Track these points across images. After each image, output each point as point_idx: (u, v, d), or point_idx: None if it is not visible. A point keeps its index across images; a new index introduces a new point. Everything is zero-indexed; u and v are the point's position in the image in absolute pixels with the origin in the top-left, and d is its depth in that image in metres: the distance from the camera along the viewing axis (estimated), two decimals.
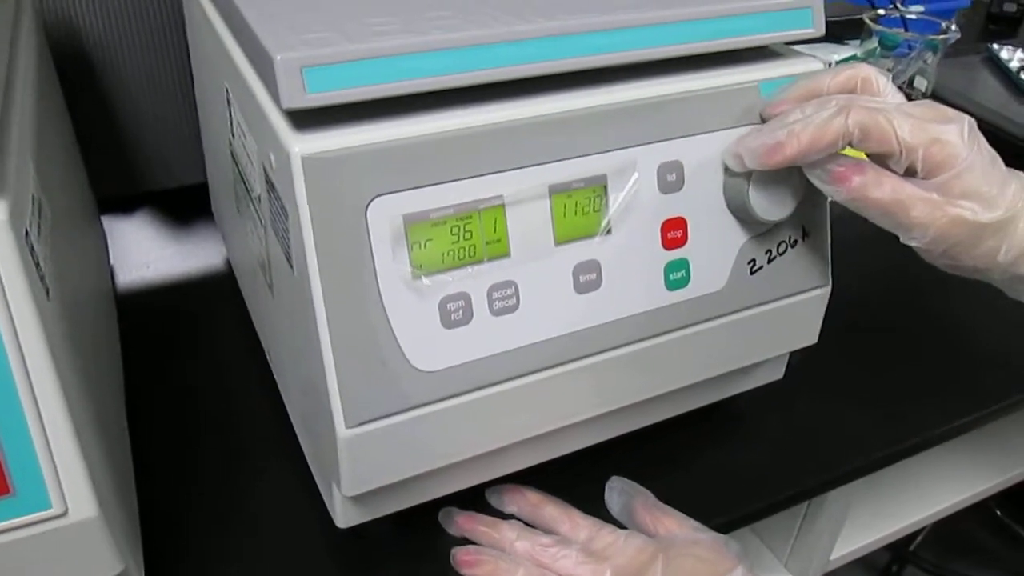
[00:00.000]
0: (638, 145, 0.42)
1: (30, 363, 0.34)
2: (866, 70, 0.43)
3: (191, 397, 0.58)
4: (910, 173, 0.41)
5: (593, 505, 0.49)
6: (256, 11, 0.40)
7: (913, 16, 0.95)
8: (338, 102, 0.36)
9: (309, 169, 0.36)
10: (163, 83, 0.71)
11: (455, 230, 0.39)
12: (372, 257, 0.38)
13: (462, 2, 0.42)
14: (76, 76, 0.67)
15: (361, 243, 0.38)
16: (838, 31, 0.94)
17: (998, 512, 1.36)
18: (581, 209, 0.42)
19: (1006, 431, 0.80)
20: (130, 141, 0.71)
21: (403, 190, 0.38)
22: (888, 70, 0.92)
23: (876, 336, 0.66)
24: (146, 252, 0.71)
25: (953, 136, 0.41)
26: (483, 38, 0.38)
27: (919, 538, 1.29)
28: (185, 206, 0.75)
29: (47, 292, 0.37)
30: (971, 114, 0.43)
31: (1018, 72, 1.02)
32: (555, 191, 0.41)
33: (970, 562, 1.36)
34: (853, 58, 0.92)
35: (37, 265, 0.37)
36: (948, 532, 1.27)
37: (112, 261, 0.70)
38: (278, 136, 0.37)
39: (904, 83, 0.92)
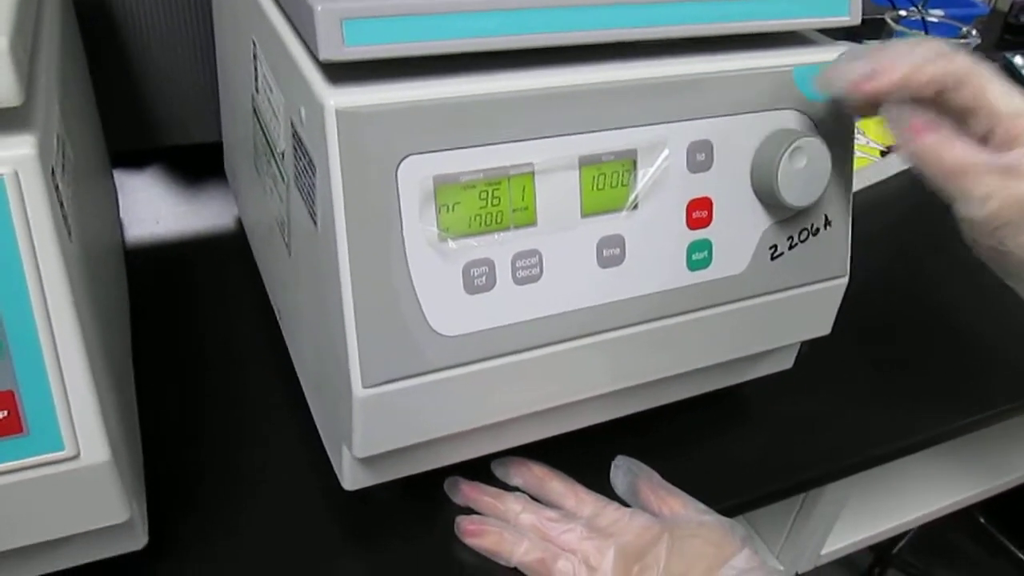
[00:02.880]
0: (670, 122, 0.42)
1: (51, 301, 0.34)
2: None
3: (197, 354, 0.57)
4: (984, 141, 0.39)
5: (598, 484, 0.49)
6: None
7: (934, 20, 0.95)
8: (376, 56, 0.36)
9: (343, 123, 0.36)
10: (182, 38, 0.70)
11: (483, 195, 0.39)
12: (400, 217, 0.38)
13: None
14: (96, 29, 0.67)
15: (390, 202, 0.37)
16: (858, 30, 0.94)
17: (981, 519, 1.37)
18: (609, 182, 0.42)
19: (995, 439, 0.80)
20: (146, 96, 0.71)
21: (435, 151, 0.37)
22: None
23: (885, 332, 0.66)
24: (156, 208, 0.70)
25: None
26: (525, 2, 0.38)
27: (902, 541, 1.30)
28: (197, 164, 0.74)
29: (69, 233, 0.37)
30: None
31: None
32: (585, 163, 0.41)
33: (952, 567, 1.37)
34: None
35: (61, 205, 0.36)
36: (931, 536, 1.28)
37: (122, 215, 0.69)
38: (312, 89, 0.37)
39: None
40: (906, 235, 0.81)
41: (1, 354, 0.34)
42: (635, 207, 0.42)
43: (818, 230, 0.48)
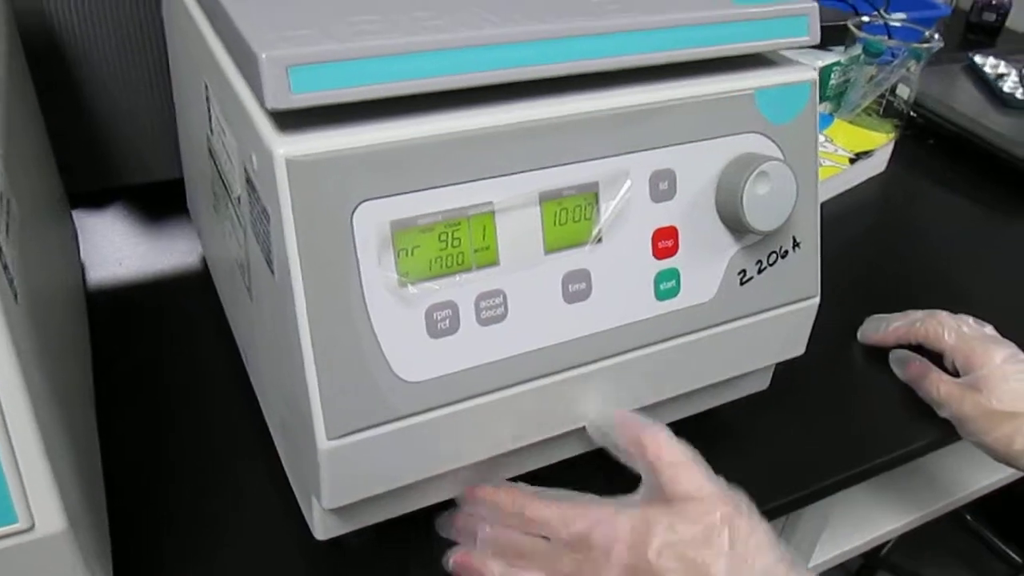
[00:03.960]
0: (631, 152, 0.41)
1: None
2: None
3: (164, 400, 0.56)
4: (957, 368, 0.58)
5: None
6: (240, 7, 0.39)
7: (896, 24, 0.95)
8: (324, 103, 0.35)
9: (293, 172, 0.35)
10: (138, 75, 0.69)
11: (443, 237, 0.38)
12: (357, 264, 0.37)
13: (450, 3, 0.41)
14: (48, 67, 0.65)
15: (346, 249, 0.36)
16: (823, 36, 0.94)
17: (968, 517, 1.37)
18: (572, 217, 0.41)
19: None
20: (103, 135, 0.69)
21: (390, 195, 0.36)
22: (871, 77, 0.92)
23: (859, 347, 0.66)
24: (119, 248, 0.69)
25: (989, 350, 0.56)
26: (474, 40, 0.37)
27: (890, 543, 1.30)
28: (159, 202, 0.73)
29: (15, 296, 0.36)
30: (950, 122, 0.51)
31: (997, 81, 1.03)
32: (546, 198, 0.40)
33: (941, 566, 1.37)
34: (838, 64, 0.92)
35: (5, 268, 0.35)
36: (919, 536, 1.28)
37: (83, 257, 0.68)
38: (261, 137, 0.36)
39: (887, 91, 0.92)
40: (879, 240, 0.80)
41: None
42: (599, 240, 0.42)
43: (787, 252, 0.47)
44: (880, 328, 0.64)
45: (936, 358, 0.60)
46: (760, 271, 0.47)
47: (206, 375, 0.58)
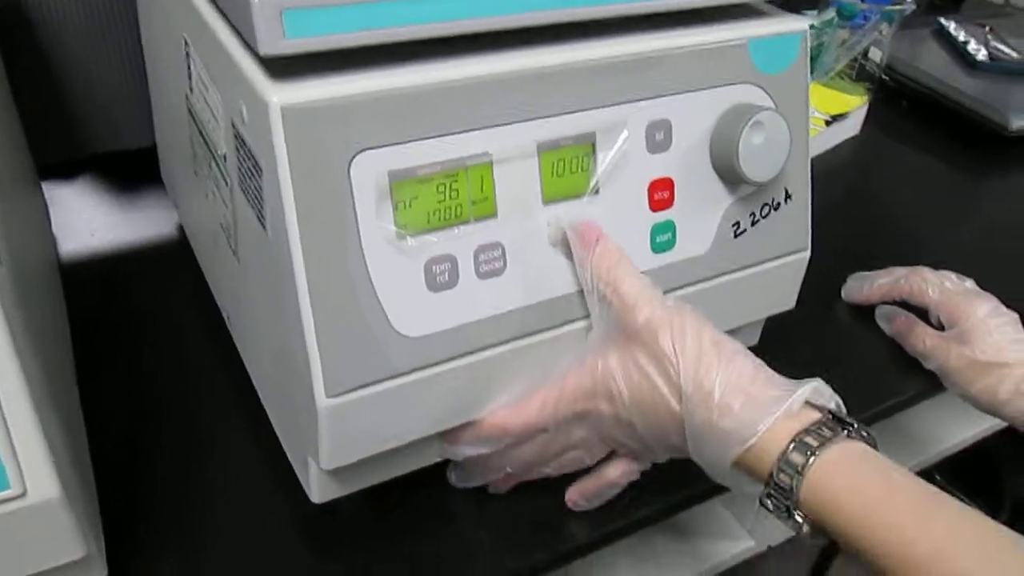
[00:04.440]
0: (628, 102, 0.41)
1: None
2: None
3: (144, 371, 0.55)
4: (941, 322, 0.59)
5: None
6: None
7: None
8: (319, 49, 0.34)
9: (289, 121, 0.34)
10: (106, 41, 0.66)
11: (441, 188, 0.37)
12: (355, 216, 0.36)
13: None
14: (13, 36, 0.63)
15: (343, 201, 0.35)
16: (796, 1, 0.94)
17: (937, 476, 1.40)
18: (569, 168, 0.40)
19: (946, 404, 0.82)
20: (71, 103, 0.67)
21: (388, 144, 0.36)
22: (844, 41, 0.92)
23: (842, 305, 0.66)
24: (90, 219, 0.67)
25: (972, 304, 0.57)
26: None
27: None
28: (131, 171, 0.71)
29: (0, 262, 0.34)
30: (921, 85, 0.50)
31: (965, 45, 1.04)
32: (543, 149, 0.39)
33: None
34: (812, 27, 0.92)
35: None
36: None
37: (55, 230, 0.66)
38: (253, 86, 0.35)
39: (860, 54, 0.93)
40: (856, 200, 0.81)
41: None
42: (596, 192, 0.41)
43: (779, 204, 0.47)
44: (864, 287, 0.65)
45: (921, 313, 0.61)
46: (753, 223, 0.46)
47: (187, 343, 0.57)
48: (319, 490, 0.43)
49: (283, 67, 0.35)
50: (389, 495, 0.45)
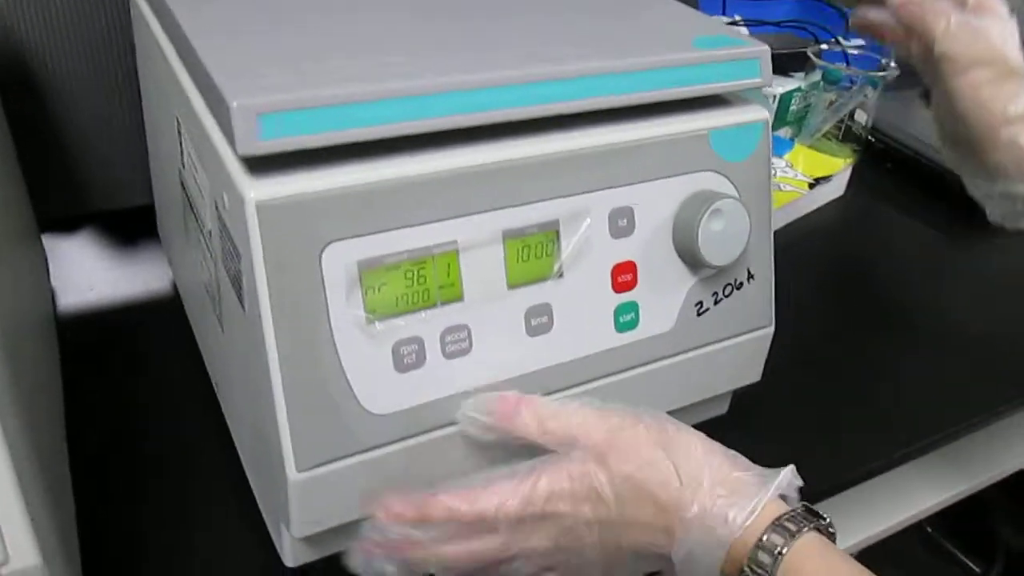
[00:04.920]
0: (591, 191, 0.43)
1: None
2: None
3: (135, 428, 0.56)
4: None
5: None
6: (210, 49, 0.40)
7: (854, 51, 0.98)
8: (293, 148, 0.36)
9: (264, 214, 0.36)
10: (109, 102, 0.69)
11: (409, 275, 0.39)
12: (326, 302, 0.38)
13: (416, 47, 0.42)
14: (18, 93, 0.66)
15: (315, 288, 0.38)
16: (783, 64, 0.96)
17: (929, 529, 1.40)
18: (534, 253, 0.42)
19: (941, 456, 0.83)
20: (74, 160, 0.70)
21: (357, 236, 0.38)
22: (831, 103, 0.94)
23: (815, 370, 0.67)
24: (89, 274, 0.69)
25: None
26: (439, 86, 0.38)
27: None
28: (129, 227, 0.73)
29: None
30: (906, 147, 0.50)
31: None
32: (508, 236, 0.41)
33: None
34: (798, 91, 0.95)
35: None
36: (878, 547, 1.30)
37: (53, 283, 0.68)
38: (232, 179, 0.37)
39: (846, 116, 0.95)
40: (837, 262, 0.83)
41: None
42: (560, 275, 0.43)
43: (741, 284, 0.49)
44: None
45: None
46: (716, 303, 0.48)
47: (177, 401, 0.59)
48: (292, 554, 0.45)
49: (260, 161, 0.37)
50: None
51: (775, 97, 0.94)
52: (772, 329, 0.52)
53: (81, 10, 0.66)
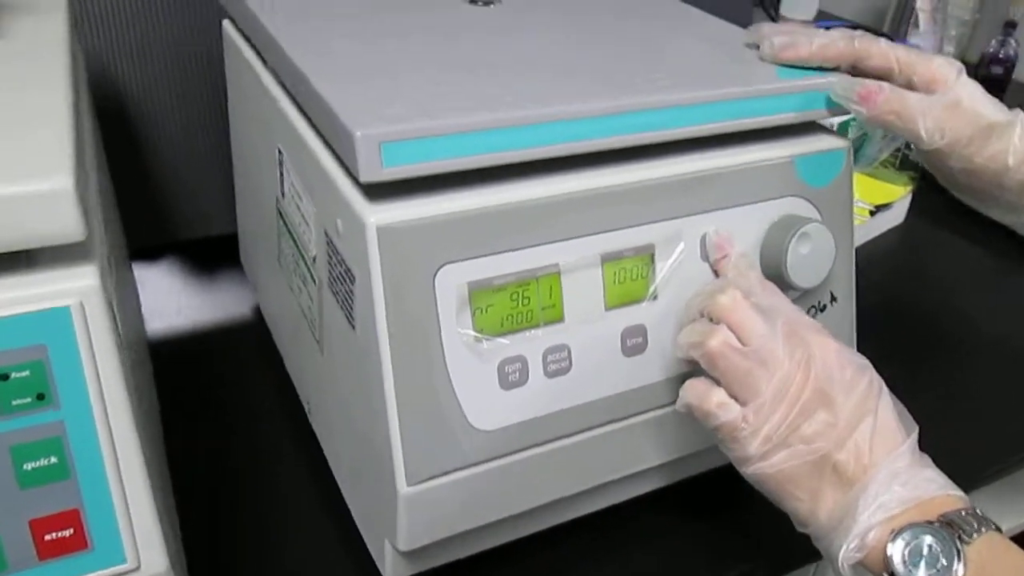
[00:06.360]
0: (684, 216, 0.45)
1: (113, 420, 0.36)
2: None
3: (225, 447, 0.59)
4: (910, 90, 0.48)
5: (615, 562, 0.51)
6: (325, 81, 0.42)
7: None
8: (412, 175, 0.38)
9: (383, 238, 0.38)
10: (197, 135, 0.72)
11: (514, 296, 0.41)
12: (438, 322, 0.40)
13: (515, 76, 0.44)
14: (110, 124, 0.69)
15: (428, 308, 0.39)
16: None
17: None
18: (630, 276, 0.44)
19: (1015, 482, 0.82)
20: (164, 191, 0.73)
21: (469, 258, 0.40)
22: (884, 135, 0.96)
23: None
24: (176, 300, 0.72)
25: (942, 60, 0.48)
26: (545, 116, 0.40)
27: None
28: (212, 254, 0.76)
29: (122, 346, 0.39)
30: None
31: None
32: (607, 259, 0.43)
33: None
34: (854, 119, 0.96)
35: (116, 323, 0.38)
36: None
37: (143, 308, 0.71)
38: (351, 206, 0.39)
39: (902, 144, 0.96)
40: (899, 290, 0.83)
41: (67, 474, 0.35)
42: (655, 297, 0.45)
43: (825, 307, 0.50)
44: (798, 43, 0.49)
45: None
46: None
47: (266, 421, 0.61)
48: (393, 569, 0.46)
49: (375, 188, 0.39)
50: (464, 570, 0.48)
51: (833, 126, 0.95)
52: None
53: (173, 45, 0.69)
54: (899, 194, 0.92)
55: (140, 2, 0.66)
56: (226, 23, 0.62)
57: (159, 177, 0.72)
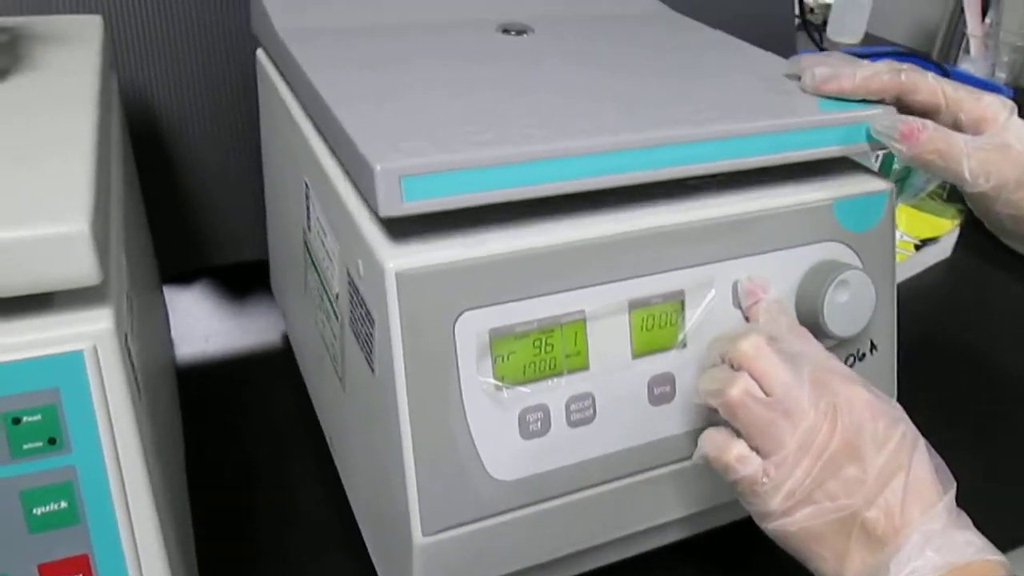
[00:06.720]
0: (715, 262, 0.43)
1: (124, 466, 0.35)
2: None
3: (249, 477, 0.58)
4: (956, 129, 0.46)
5: None
6: (349, 114, 0.41)
7: None
8: (433, 210, 0.37)
9: (403, 283, 0.37)
10: (230, 160, 0.72)
11: (537, 343, 0.40)
12: (457, 368, 0.39)
13: (543, 107, 0.43)
14: (143, 148, 0.69)
15: (447, 355, 0.38)
16: None
17: None
18: (658, 323, 0.43)
19: None
20: (193, 216, 0.73)
21: (490, 305, 0.39)
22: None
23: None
24: (206, 325, 0.72)
25: (992, 99, 0.46)
26: (570, 150, 0.39)
27: None
28: (243, 279, 0.76)
29: (139, 390, 0.38)
30: None
31: None
32: (634, 306, 0.42)
33: None
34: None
35: (132, 366, 0.38)
36: None
37: (172, 333, 0.71)
38: (371, 247, 0.38)
39: None
40: (946, 326, 0.81)
41: (76, 519, 0.35)
42: (684, 345, 0.43)
43: (864, 355, 0.48)
44: (841, 74, 0.47)
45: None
46: None
47: (291, 453, 0.60)
48: None
49: (397, 226, 0.38)
50: None
51: (877, 156, 0.93)
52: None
53: (208, 71, 0.69)
54: (946, 227, 0.89)
55: (177, 31, 0.67)
56: (260, 52, 0.62)
57: (189, 201, 0.72)
